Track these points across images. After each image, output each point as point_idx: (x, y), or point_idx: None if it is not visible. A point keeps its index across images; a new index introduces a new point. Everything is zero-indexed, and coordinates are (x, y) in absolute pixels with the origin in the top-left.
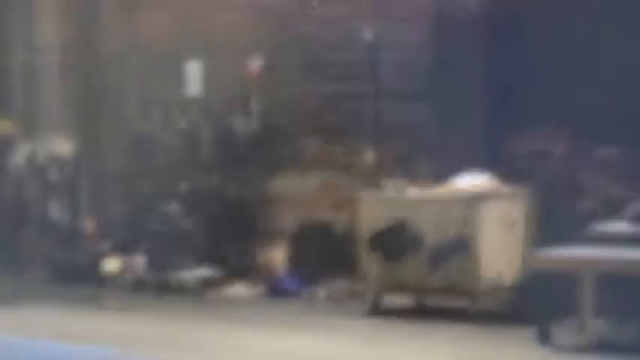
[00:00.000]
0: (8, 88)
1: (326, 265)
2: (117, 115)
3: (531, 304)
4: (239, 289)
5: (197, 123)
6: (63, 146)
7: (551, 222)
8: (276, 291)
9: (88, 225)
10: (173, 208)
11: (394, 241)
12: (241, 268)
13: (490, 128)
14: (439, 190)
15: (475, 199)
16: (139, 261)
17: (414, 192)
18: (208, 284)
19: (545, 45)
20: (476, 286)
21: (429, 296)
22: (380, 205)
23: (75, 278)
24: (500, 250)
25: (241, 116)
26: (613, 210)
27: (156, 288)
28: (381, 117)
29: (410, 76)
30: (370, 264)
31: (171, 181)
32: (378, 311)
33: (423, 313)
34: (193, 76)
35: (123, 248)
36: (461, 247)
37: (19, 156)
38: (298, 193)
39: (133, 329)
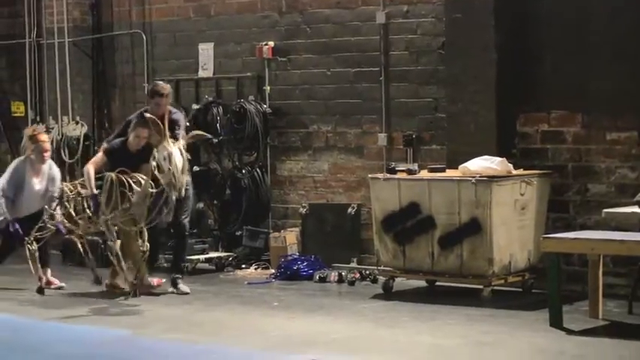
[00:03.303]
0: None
1: (338, 246)
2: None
3: (544, 285)
4: (252, 271)
5: (209, 104)
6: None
7: (564, 204)
8: (289, 273)
9: None
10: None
11: (406, 224)
12: (255, 250)
13: (502, 109)
14: (452, 173)
15: (487, 182)
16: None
17: (426, 174)
18: (221, 265)
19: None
20: (488, 269)
21: (440, 278)
22: (393, 187)
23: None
24: (513, 232)
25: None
26: (626, 193)
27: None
28: (394, 99)
29: (421, 58)
30: (383, 246)
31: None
32: (390, 293)
33: (434, 295)
34: (206, 57)
35: None
36: (473, 229)
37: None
38: (311, 175)
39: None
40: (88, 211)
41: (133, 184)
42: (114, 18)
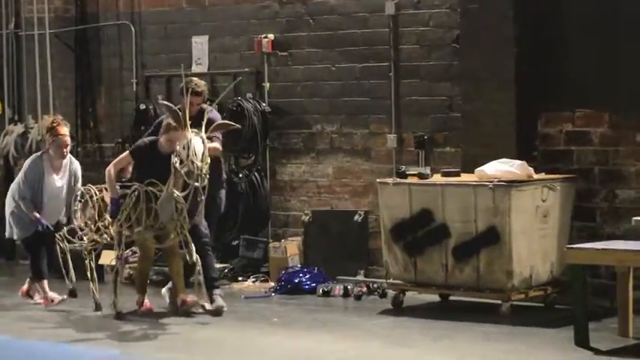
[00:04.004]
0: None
1: (344, 258)
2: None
3: (568, 300)
4: (250, 284)
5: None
6: None
7: (590, 211)
8: (290, 286)
9: None
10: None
11: (417, 233)
12: (252, 261)
13: (522, 107)
14: (467, 177)
15: (506, 187)
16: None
17: (439, 179)
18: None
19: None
20: (507, 282)
21: (455, 292)
22: (403, 192)
23: None
24: (534, 242)
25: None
26: None
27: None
28: (404, 97)
29: (433, 52)
30: (392, 257)
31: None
32: (400, 309)
33: (448, 310)
34: (200, 51)
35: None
36: (490, 239)
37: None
38: (314, 180)
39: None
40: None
41: (159, 195)
42: (99, 8)
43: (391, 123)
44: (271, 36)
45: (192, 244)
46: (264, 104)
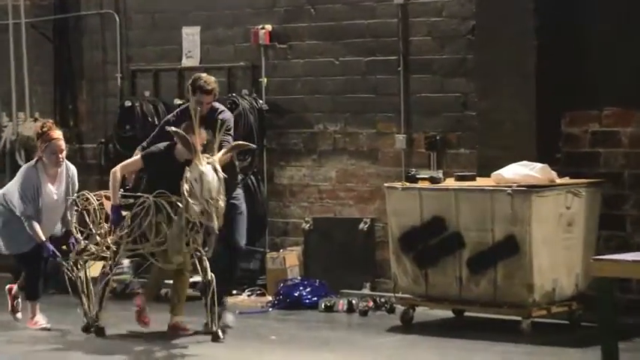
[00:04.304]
0: None
1: (348, 269)
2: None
3: (594, 317)
4: (245, 298)
5: None
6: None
7: (619, 219)
8: (289, 300)
9: None
10: None
11: (428, 242)
12: (248, 273)
13: (544, 105)
14: (483, 182)
15: (526, 193)
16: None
17: (453, 183)
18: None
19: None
20: (527, 297)
21: (470, 308)
22: (413, 198)
23: None
24: (557, 253)
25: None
26: None
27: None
28: (414, 93)
29: (446, 45)
30: (401, 268)
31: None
32: (410, 325)
33: (463, 328)
34: (191, 43)
35: None
36: (509, 249)
37: None
38: (315, 184)
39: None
40: (105, 226)
41: (171, 214)
42: None
43: (400, 122)
44: (269, 27)
45: (207, 262)
46: (261, 101)
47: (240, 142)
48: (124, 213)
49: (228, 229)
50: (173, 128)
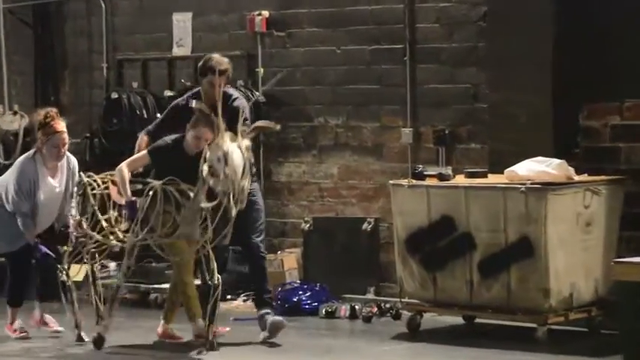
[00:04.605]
0: None
1: (351, 273)
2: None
3: (615, 324)
4: (240, 303)
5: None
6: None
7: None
8: (287, 306)
9: None
10: None
11: (437, 243)
12: (243, 276)
13: (561, 97)
14: (495, 179)
15: (542, 191)
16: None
17: (463, 180)
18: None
19: None
20: (543, 302)
21: (481, 314)
22: (420, 196)
23: None
24: (575, 255)
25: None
26: None
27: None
28: (422, 84)
29: (456, 33)
30: (407, 272)
31: None
32: (417, 333)
33: (474, 335)
34: (183, 31)
35: None
36: (523, 251)
37: None
38: (315, 182)
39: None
40: (119, 218)
41: (181, 201)
42: None
43: (406, 115)
44: (266, 13)
45: (214, 263)
46: (257, 93)
47: (264, 123)
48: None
49: (243, 228)
50: (195, 103)
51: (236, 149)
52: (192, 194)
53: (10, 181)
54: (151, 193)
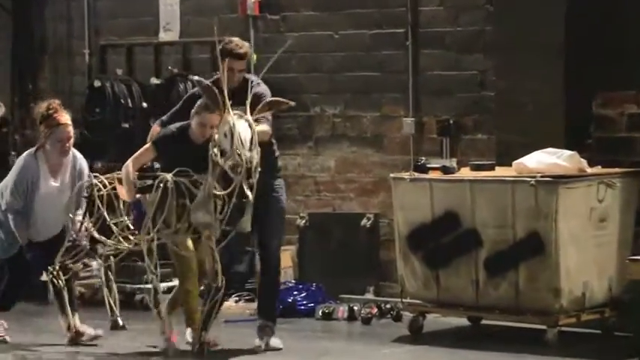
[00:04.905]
0: None
1: (349, 271)
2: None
3: (630, 325)
4: (232, 304)
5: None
6: None
7: None
8: (282, 307)
9: None
10: None
11: (440, 240)
12: (235, 276)
13: (573, 84)
14: (503, 172)
15: (552, 184)
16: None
17: (468, 173)
18: None
19: None
20: (553, 302)
21: (488, 315)
22: (423, 190)
23: None
24: (588, 252)
25: None
26: None
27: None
28: (425, 71)
29: (461, 16)
30: (409, 270)
31: None
32: (420, 335)
33: (480, 338)
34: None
35: None
36: (532, 248)
37: None
38: (311, 175)
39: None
40: (127, 221)
41: (195, 192)
42: None
43: (408, 104)
44: None
45: (219, 264)
46: (197, 78)
47: (278, 99)
48: (137, 196)
49: (262, 227)
50: (197, 77)
51: (242, 122)
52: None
53: (10, 180)
54: (161, 186)
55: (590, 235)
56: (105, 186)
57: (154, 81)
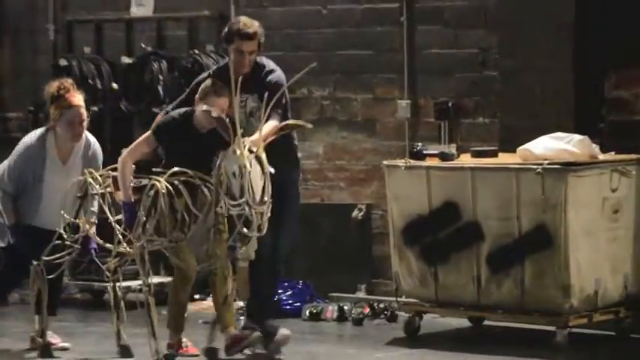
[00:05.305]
0: None
1: (339, 268)
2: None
3: None
4: (210, 304)
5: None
6: None
7: None
8: None
9: None
10: None
11: (439, 233)
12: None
13: (584, 63)
14: (506, 158)
15: (561, 172)
16: None
17: (469, 160)
18: (162, 294)
19: None
20: (563, 302)
21: (491, 315)
22: (419, 179)
23: None
24: (600, 247)
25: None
26: None
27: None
28: (421, 49)
29: None
30: (405, 266)
31: None
32: (416, 337)
33: (482, 340)
34: None
35: None
36: (540, 242)
37: None
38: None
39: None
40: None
41: (190, 201)
42: None
43: (403, 85)
44: None
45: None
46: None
47: (293, 122)
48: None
49: (272, 228)
50: (206, 107)
51: (256, 165)
52: (205, 195)
53: (7, 164)
54: (151, 193)
55: (602, 227)
56: (100, 184)
57: (126, 60)
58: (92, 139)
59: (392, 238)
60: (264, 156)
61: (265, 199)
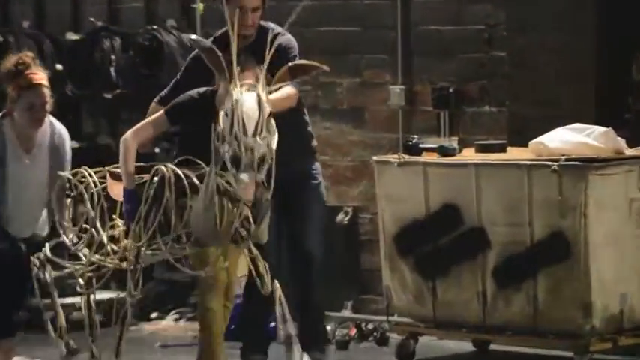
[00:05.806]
0: None
1: (322, 281)
2: None
3: None
4: (170, 323)
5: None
6: None
7: None
8: (237, 326)
9: None
10: None
11: (437, 241)
12: (175, 286)
13: (606, 44)
14: (517, 154)
15: (580, 170)
16: None
17: (472, 156)
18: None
19: None
20: (583, 322)
21: (498, 338)
22: (415, 177)
23: None
24: (626, 257)
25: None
26: None
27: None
28: (417, 26)
29: None
30: (397, 280)
31: None
32: None
33: None
34: None
35: None
36: (555, 252)
37: None
38: None
39: None
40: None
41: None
42: None
43: (396, 68)
44: None
45: (267, 267)
46: (194, 37)
47: (304, 62)
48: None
49: (296, 229)
50: (194, 36)
51: (250, 99)
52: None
53: None
54: (156, 177)
55: (629, 234)
56: (95, 183)
57: (72, 36)
58: (58, 124)
59: (383, 246)
60: (264, 96)
61: (262, 135)
